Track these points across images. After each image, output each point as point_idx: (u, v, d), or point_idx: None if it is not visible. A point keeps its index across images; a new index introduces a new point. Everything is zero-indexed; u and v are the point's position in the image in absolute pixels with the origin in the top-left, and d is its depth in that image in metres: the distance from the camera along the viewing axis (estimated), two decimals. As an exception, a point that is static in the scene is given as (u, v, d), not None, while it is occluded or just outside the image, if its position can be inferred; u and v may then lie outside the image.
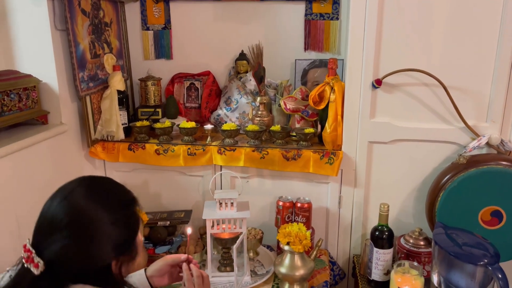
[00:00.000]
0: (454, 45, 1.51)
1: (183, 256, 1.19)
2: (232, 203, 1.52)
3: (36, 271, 0.84)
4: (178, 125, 1.83)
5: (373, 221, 1.71)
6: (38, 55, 1.55)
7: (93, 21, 1.73)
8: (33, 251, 0.85)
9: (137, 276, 1.17)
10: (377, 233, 1.51)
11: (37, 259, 0.84)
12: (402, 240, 1.59)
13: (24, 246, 0.86)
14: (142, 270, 1.19)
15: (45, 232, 0.87)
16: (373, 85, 1.57)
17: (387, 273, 1.52)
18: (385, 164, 1.67)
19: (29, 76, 1.53)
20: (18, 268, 0.88)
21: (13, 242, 1.39)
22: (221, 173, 1.77)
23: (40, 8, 1.50)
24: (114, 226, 0.90)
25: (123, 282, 0.96)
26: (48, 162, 1.57)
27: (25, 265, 0.85)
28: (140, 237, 1.01)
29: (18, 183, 1.41)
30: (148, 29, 2.07)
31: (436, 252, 1.37)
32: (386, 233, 1.50)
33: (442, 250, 1.33)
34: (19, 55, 1.57)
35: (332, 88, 1.67)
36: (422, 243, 1.55)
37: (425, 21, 1.51)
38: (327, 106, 1.69)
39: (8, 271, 0.97)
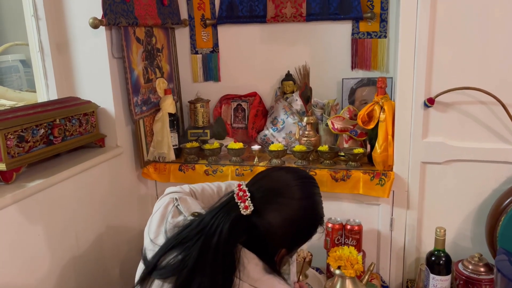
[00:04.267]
0: (513, 61, 1.44)
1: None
2: (281, 225, 1.51)
3: (244, 212, 0.95)
4: (226, 146, 1.86)
5: (428, 245, 1.65)
6: (97, 82, 1.65)
7: (146, 47, 1.81)
8: (249, 194, 0.96)
9: None
10: (433, 258, 1.44)
11: (249, 203, 0.95)
12: (460, 266, 1.51)
13: (239, 186, 0.98)
14: None
15: (269, 191, 0.99)
16: (425, 104, 1.53)
17: (445, 300, 1.45)
18: (440, 185, 1.61)
19: (89, 102, 1.63)
20: (228, 197, 0.99)
21: (72, 257, 1.46)
22: (269, 194, 1.77)
23: (99, 38, 1.60)
24: (310, 226, 1.04)
25: (278, 271, 1.02)
26: (104, 183, 1.64)
27: (235, 201, 0.96)
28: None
29: (78, 203, 1.49)
30: (197, 53, 2.14)
31: (499, 280, 1.29)
32: (443, 259, 1.43)
33: (505, 278, 1.25)
34: (80, 82, 1.67)
35: (381, 108, 1.64)
36: (482, 269, 1.47)
37: (480, 37, 1.45)
38: (376, 125, 1.66)
39: (175, 200, 1.11)
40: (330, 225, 1.64)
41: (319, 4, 1.92)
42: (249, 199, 0.95)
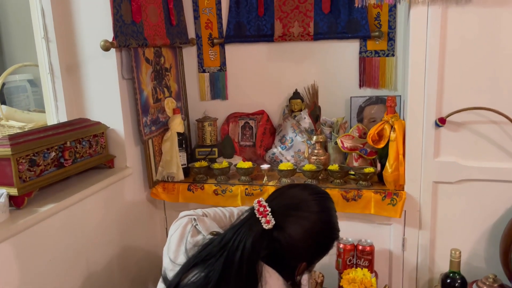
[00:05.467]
0: (524, 80, 1.44)
1: None
2: (293, 247, 1.49)
3: (265, 226, 0.98)
4: (235, 165, 1.85)
5: (441, 266, 1.63)
6: (106, 103, 1.65)
7: (155, 67, 1.81)
8: (269, 209, 0.99)
9: None
10: (448, 280, 1.43)
11: (270, 217, 0.98)
12: (475, 287, 1.49)
13: (259, 202, 1.01)
14: None
15: (287, 206, 1.03)
16: (436, 124, 1.52)
17: (461, 323, 1.42)
18: (452, 205, 1.59)
19: (98, 123, 1.62)
20: (248, 214, 1.02)
21: (82, 279, 1.45)
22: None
23: (109, 59, 1.60)
24: (329, 238, 1.07)
25: (298, 287, 1.07)
26: (114, 204, 1.63)
27: (257, 216, 0.99)
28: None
29: (87, 225, 1.48)
30: (204, 71, 2.15)
31: (517, 303, 1.27)
32: (459, 281, 1.41)
33: (524, 301, 1.23)
34: (89, 104, 1.67)
35: (392, 127, 1.63)
36: (497, 291, 1.45)
37: (492, 56, 1.46)
38: (386, 144, 1.65)
39: (193, 220, 1.11)
40: (341, 245, 1.62)
41: (326, 23, 1.93)
42: (270, 213, 0.98)
